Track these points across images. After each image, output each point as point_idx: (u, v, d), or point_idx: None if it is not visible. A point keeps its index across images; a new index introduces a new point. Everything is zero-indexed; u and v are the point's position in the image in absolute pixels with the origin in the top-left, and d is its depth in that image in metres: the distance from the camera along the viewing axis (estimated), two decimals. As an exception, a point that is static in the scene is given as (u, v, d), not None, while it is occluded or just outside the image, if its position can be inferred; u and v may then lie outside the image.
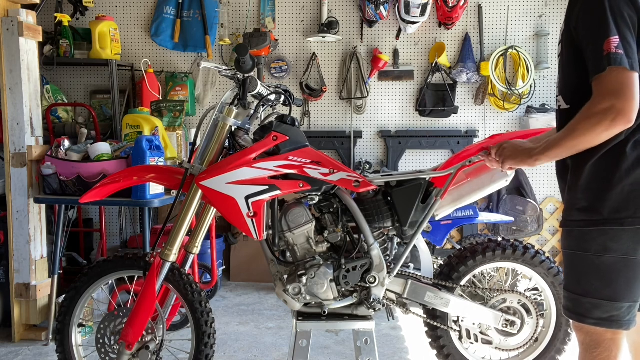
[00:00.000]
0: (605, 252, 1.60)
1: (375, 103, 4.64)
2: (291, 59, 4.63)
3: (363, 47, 4.59)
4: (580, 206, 1.65)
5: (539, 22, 4.51)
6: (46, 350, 3.13)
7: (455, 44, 4.56)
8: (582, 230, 1.64)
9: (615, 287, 1.61)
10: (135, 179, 2.30)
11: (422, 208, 2.26)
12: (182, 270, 2.28)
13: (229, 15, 4.61)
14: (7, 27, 3.12)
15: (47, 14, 4.49)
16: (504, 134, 2.32)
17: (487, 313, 2.39)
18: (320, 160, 2.18)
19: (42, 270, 3.31)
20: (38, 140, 3.29)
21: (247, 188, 2.11)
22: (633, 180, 1.58)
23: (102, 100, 4.58)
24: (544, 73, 4.52)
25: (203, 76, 4.63)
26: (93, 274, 2.34)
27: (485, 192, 2.31)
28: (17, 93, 3.16)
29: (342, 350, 3.11)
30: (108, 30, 4.14)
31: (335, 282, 2.22)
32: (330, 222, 2.27)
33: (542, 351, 2.47)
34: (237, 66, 2.20)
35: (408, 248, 2.30)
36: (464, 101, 4.58)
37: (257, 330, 3.45)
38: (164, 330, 2.26)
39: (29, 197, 3.21)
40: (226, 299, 4.08)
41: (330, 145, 4.60)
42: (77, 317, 2.38)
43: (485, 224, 4.51)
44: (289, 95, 2.39)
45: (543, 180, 4.57)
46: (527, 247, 2.45)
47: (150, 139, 3.06)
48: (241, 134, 2.26)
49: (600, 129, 1.52)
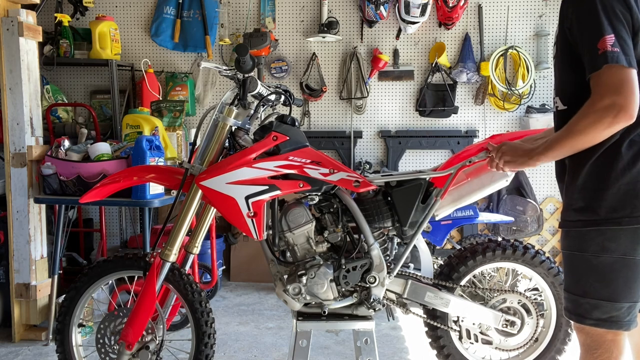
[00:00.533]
0: (603, 252, 1.60)
1: (375, 103, 4.64)
2: (291, 59, 4.63)
3: (363, 47, 4.59)
4: (578, 206, 1.65)
5: (539, 22, 4.51)
6: (46, 350, 3.13)
7: (455, 44, 4.56)
8: (580, 231, 1.64)
9: (614, 287, 1.60)
10: (135, 179, 2.30)
11: (422, 208, 2.26)
12: (182, 270, 2.28)
13: (229, 15, 4.61)
14: (7, 27, 3.12)
15: (47, 14, 4.49)
16: (504, 134, 2.32)
17: (487, 313, 2.39)
18: (320, 160, 2.18)
19: (42, 270, 3.31)
20: (38, 140, 3.29)
21: (247, 188, 2.11)
22: (629, 179, 1.58)
23: (102, 100, 4.58)
24: (544, 73, 4.52)
25: (203, 76, 4.63)
26: (93, 274, 2.34)
27: (485, 192, 2.31)
28: (17, 93, 3.16)
29: (342, 350, 3.11)
30: (108, 30, 4.14)
31: (335, 282, 2.22)
32: (330, 222, 2.27)
33: (542, 351, 2.47)
34: (237, 66, 2.20)
35: (408, 248, 2.30)
36: (464, 101, 4.58)
37: (257, 330, 3.45)
38: (164, 330, 2.26)
39: (29, 197, 3.21)
40: (226, 299, 4.08)
41: (330, 145, 4.60)
42: (77, 317, 2.38)
43: (485, 224, 4.51)
44: (289, 95, 2.39)
45: (543, 180, 4.57)
46: (527, 247, 2.45)
47: (150, 139, 3.06)
48: (241, 134, 2.26)
49: (602, 127, 1.51)
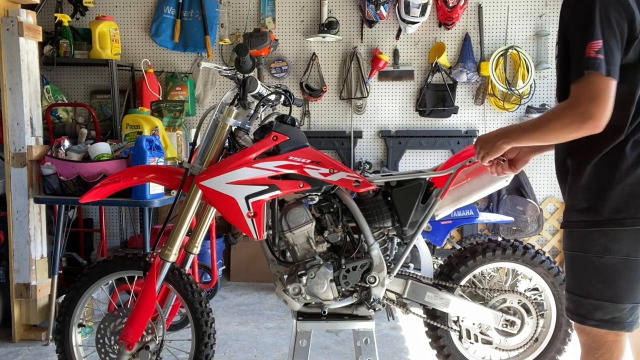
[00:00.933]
0: (605, 253, 1.59)
1: (375, 103, 4.64)
2: (291, 59, 4.63)
3: (363, 47, 4.59)
4: (581, 207, 1.64)
5: (539, 22, 4.51)
6: (46, 350, 3.13)
7: (455, 44, 4.56)
8: (583, 231, 1.64)
9: (617, 288, 1.60)
10: (135, 179, 2.30)
11: (422, 208, 2.26)
12: (182, 270, 2.28)
13: (229, 15, 4.61)
14: (7, 27, 3.12)
15: (47, 14, 4.49)
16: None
17: (487, 313, 2.39)
18: (320, 160, 2.18)
19: (42, 270, 3.31)
20: (38, 140, 3.29)
21: (247, 188, 2.11)
22: (633, 180, 1.57)
23: (102, 100, 4.58)
24: (544, 73, 4.52)
25: (203, 76, 4.63)
26: (93, 274, 2.34)
27: (485, 192, 2.31)
28: (17, 93, 3.16)
29: (342, 350, 3.11)
30: (108, 30, 4.14)
31: (335, 282, 2.22)
32: (330, 222, 2.27)
33: (542, 351, 2.47)
34: (237, 66, 2.20)
35: (408, 248, 2.30)
36: (464, 101, 4.58)
37: (257, 330, 3.45)
38: (164, 330, 2.26)
39: (29, 197, 3.21)
40: (226, 299, 4.08)
41: (330, 145, 4.60)
42: (77, 317, 2.38)
43: (485, 224, 4.51)
44: (289, 95, 2.39)
45: (543, 180, 4.57)
46: (527, 247, 2.45)
47: (150, 139, 3.06)
48: (241, 134, 2.26)
49: (568, 131, 1.55)
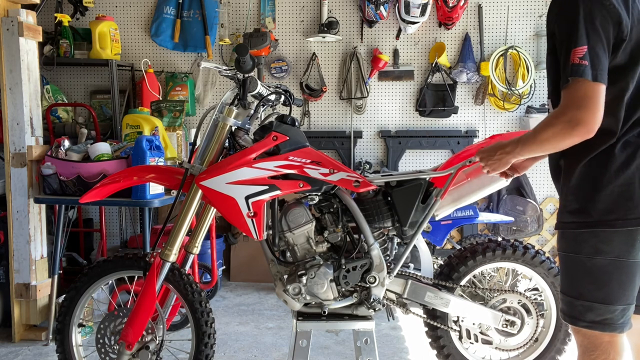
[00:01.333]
0: (596, 254, 1.59)
1: (375, 103, 4.64)
2: (291, 59, 4.63)
3: (363, 47, 4.59)
4: (572, 208, 1.64)
5: (539, 22, 4.51)
6: (46, 350, 3.13)
7: (455, 44, 4.55)
8: (574, 232, 1.64)
9: (608, 289, 1.60)
10: (135, 179, 2.30)
11: (422, 208, 2.26)
12: (182, 270, 2.28)
13: (229, 15, 4.61)
14: (7, 27, 3.12)
15: (47, 14, 4.49)
16: (504, 134, 2.32)
17: (487, 313, 2.39)
18: (320, 160, 2.18)
19: (42, 270, 3.31)
20: (38, 140, 3.29)
21: (247, 188, 2.11)
22: (622, 181, 1.57)
23: (102, 100, 4.58)
24: (544, 73, 4.51)
25: (203, 76, 4.63)
26: (93, 274, 2.34)
27: (485, 192, 2.31)
28: (17, 93, 3.16)
29: (342, 350, 3.11)
30: (108, 30, 4.14)
31: (335, 282, 2.22)
32: (330, 222, 2.27)
33: (542, 351, 2.47)
34: (237, 66, 2.20)
35: (408, 248, 2.30)
36: (464, 101, 4.58)
37: (257, 330, 3.45)
38: (164, 330, 2.26)
39: (29, 197, 3.21)
40: (226, 299, 4.08)
41: (330, 145, 4.60)
42: (77, 317, 2.38)
43: (485, 224, 4.51)
44: (289, 95, 2.39)
45: (543, 180, 4.57)
46: (527, 247, 2.45)
47: (150, 139, 3.06)
48: (241, 134, 2.26)
49: (560, 138, 1.55)
